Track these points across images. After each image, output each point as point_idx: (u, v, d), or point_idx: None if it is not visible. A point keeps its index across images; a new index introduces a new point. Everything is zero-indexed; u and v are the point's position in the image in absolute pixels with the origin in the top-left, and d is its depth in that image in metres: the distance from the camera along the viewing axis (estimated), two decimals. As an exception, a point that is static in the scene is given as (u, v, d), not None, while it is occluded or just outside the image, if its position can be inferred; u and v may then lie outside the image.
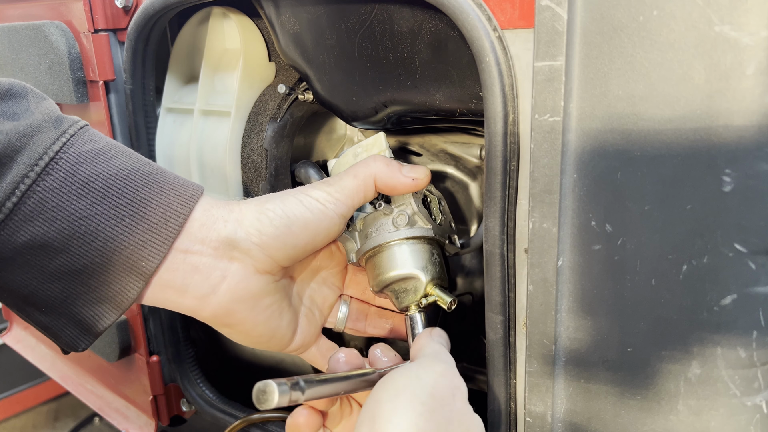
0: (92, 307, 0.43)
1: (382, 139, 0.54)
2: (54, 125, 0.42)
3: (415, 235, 0.52)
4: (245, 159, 0.66)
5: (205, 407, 0.75)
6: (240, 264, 0.46)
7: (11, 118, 0.41)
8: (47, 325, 0.44)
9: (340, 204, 0.49)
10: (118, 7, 0.66)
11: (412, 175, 0.51)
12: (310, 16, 0.55)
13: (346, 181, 0.50)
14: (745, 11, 0.33)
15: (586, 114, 0.39)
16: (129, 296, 0.43)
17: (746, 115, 0.35)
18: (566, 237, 0.41)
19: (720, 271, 0.37)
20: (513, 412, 0.49)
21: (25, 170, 0.40)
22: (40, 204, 0.40)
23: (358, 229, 0.54)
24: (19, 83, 0.43)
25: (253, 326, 0.49)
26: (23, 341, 1.11)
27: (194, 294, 0.46)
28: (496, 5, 0.42)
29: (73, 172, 0.41)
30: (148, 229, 0.43)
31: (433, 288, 0.52)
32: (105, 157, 0.43)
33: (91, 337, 0.44)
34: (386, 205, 0.53)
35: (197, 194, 0.45)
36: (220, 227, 0.45)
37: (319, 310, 0.56)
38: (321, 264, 0.56)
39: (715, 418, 0.40)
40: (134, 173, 0.43)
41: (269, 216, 0.47)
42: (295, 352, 0.54)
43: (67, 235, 0.41)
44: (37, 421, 1.65)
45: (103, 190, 0.42)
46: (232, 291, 0.46)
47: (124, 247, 0.42)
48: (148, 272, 0.43)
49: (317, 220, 0.48)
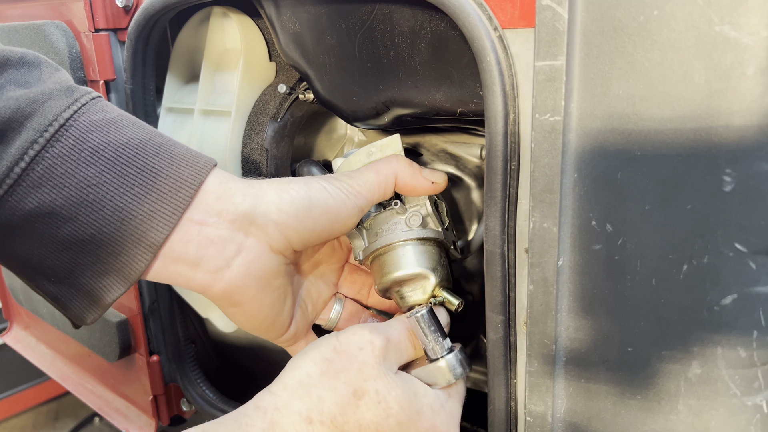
0: (100, 278, 0.43)
1: (398, 141, 0.54)
2: (66, 94, 0.42)
3: (428, 236, 0.52)
4: (246, 159, 0.66)
5: (205, 407, 0.75)
6: (255, 240, 0.46)
7: (23, 85, 0.41)
8: (56, 295, 0.43)
9: (361, 197, 0.49)
10: (119, 7, 0.66)
11: (432, 179, 0.51)
12: (310, 16, 0.55)
13: (368, 176, 0.50)
14: (745, 11, 0.33)
15: (587, 114, 0.39)
16: (137, 268, 0.43)
17: (746, 115, 0.35)
18: (566, 237, 0.42)
19: (720, 270, 0.37)
20: (513, 412, 0.49)
21: (34, 136, 0.39)
22: (48, 170, 0.40)
23: (366, 227, 0.54)
24: (32, 53, 0.43)
25: (259, 307, 0.48)
26: (23, 341, 1.11)
27: (207, 267, 0.45)
28: (497, 5, 0.42)
29: (83, 139, 0.41)
30: (158, 199, 0.42)
31: (440, 290, 0.52)
32: (116, 126, 0.42)
33: (99, 309, 0.44)
34: (401, 205, 0.53)
35: (209, 166, 0.45)
36: (238, 200, 0.45)
37: (312, 303, 0.56)
38: (322, 258, 0.56)
39: (716, 418, 0.40)
40: (145, 143, 0.43)
41: (291, 195, 0.46)
42: (286, 343, 0.54)
43: (75, 202, 0.40)
44: (37, 421, 1.65)
45: (113, 159, 0.41)
46: (247, 266, 0.46)
47: (132, 216, 0.41)
48: (157, 243, 0.42)
49: (338, 208, 0.48)
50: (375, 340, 0.44)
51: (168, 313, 0.77)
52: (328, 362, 0.43)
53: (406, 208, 0.53)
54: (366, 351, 0.44)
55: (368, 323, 0.47)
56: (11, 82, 0.40)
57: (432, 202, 0.54)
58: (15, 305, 1.11)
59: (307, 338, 0.56)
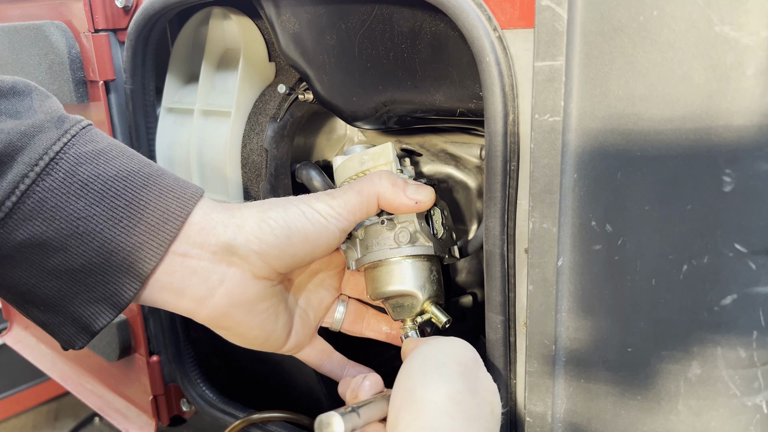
0: (89, 306, 0.43)
1: (390, 150, 0.53)
2: (56, 125, 0.42)
3: (416, 253, 0.52)
4: (245, 159, 0.66)
5: (205, 407, 0.75)
6: (238, 269, 0.46)
7: (13, 116, 0.41)
8: (45, 322, 0.44)
9: (342, 219, 0.49)
10: (118, 7, 0.66)
11: (415, 198, 0.50)
12: (310, 16, 0.55)
13: (350, 197, 0.49)
14: (745, 11, 0.33)
15: (586, 114, 0.39)
16: (126, 297, 0.43)
17: (746, 115, 0.35)
18: (566, 237, 0.41)
19: (720, 271, 0.37)
20: (513, 412, 0.49)
21: (25, 170, 0.40)
22: (39, 204, 0.40)
23: (359, 237, 0.54)
24: (23, 81, 0.43)
25: (249, 329, 0.49)
26: (23, 341, 1.11)
27: (191, 296, 0.46)
28: (496, 5, 0.42)
29: (73, 172, 0.41)
30: (146, 231, 0.43)
31: (429, 305, 0.52)
32: (105, 158, 0.43)
33: (88, 335, 0.45)
34: (388, 222, 0.52)
35: (196, 197, 0.45)
36: (219, 231, 0.45)
37: (314, 311, 0.56)
38: (320, 267, 0.56)
39: (715, 418, 0.40)
40: (134, 174, 0.43)
41: (270, 225, 0.46)
42: (289, 352, 0.55)
43: (65, 234, 0.41)
44: (37, 421, 1.65)
45: (102, 191, 0.42)
46: (230, 295, 0.46)
47: (121, 248, 0.42)
48: (145, 274, 0.43)
49: (318, 233, 0.48)
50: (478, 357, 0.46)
51: (168, 313, 0.77)
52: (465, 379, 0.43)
53: (395, 223, 0.52)
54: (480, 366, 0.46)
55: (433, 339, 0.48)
56: (2, 113, 0.41)
57: (424, 215, 0.54)
58: (15, 305, 1.11)
59: (312, 344, 0.56)
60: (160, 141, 0.71)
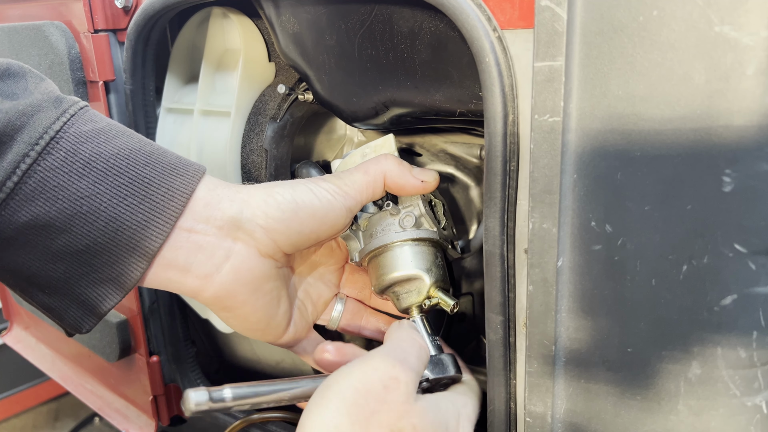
0: (96, 287, 0.43)
1: (391, 141, 0.54)
2: (54, 105, 0.42)
3: (422, 236, 0.52)
4: (245, 159, 0.66)
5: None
6: (244, 245, 0.46)
7: (10, 97, 0.40)
8: (51, 306, 0.43)
9: (349, 198, 0.49)
10: (118, 8, 0.66)
11: (421, 177, 0.51)
12: (310, 17, 0.55)
13: (357, 176, 0.50)
14: (745, 11, 0.33)
15: (586, 114, 0.39)
16: (133, 276, 0.43)
17: (746, 115, 0.35)
18: (566, 237, 0.41)
19: (720, 271, 0.37)
20: (513, 413, 0.49)
21: (25, 149, 0.39)
22: (41, 183, 0.40)
23: (362, 228, 0.54)
24: (17, 63, 0.43)
25: (252, 310, 0.49)
26: (23, 341, 1.11)
27: (197, 273, 0.45)
28: (496, 5, 0.42)
29: (74, 151, 0.41)
30: (151, 209, 0.42)
31: (436, 290, 0.52)
32: (106, 136, 0.43)
33: (95, 318, 0.44)
34: (393, 206, 0.53)
35: (199, 173, 0.45)
36: (225, 206, 0.45)
37: (312, 304, 0.56)
38: (320, 260, 0.56)
39: (716, 418, 0.40)
40: (136, 153, 0.43)
41: (277, 199, 0.46)
42: (286, 344, 0.54)
43: (68, 214, 0.40)
44: (37, 421, 1.65)
45: (105, 170, 0.41)
46: (236, 271, 0.46)
47: (127, 226, 0.42)
48: (152, 251, 0.43)
49: (325, 210, 0.48)
50: (399, 376, 0.41)
51: (168, 313, 0.77)
52: (356, 407, 0.39)
53: (400, 209, 0.53)
54: (392, 388, 0.41)
55: (380, 351, 0.44)
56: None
57: (427, 202, 0.54)
58: (15, 305, 1.12)
59: (308, 339, 0.56)
60: (160, 141, 0.71)
